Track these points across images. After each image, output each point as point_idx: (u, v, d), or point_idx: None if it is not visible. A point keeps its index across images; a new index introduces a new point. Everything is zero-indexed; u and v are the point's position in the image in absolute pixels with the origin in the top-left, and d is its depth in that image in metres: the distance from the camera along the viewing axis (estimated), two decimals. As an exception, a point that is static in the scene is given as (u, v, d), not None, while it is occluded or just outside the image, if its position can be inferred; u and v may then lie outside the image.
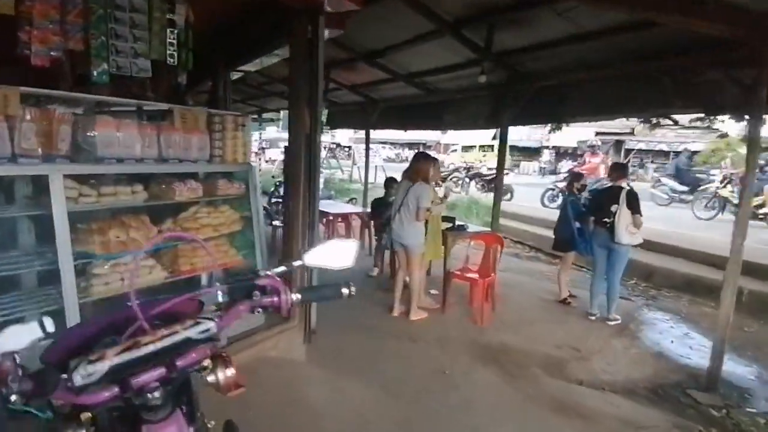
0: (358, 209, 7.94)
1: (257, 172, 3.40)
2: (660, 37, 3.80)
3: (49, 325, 0.95)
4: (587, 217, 5.15)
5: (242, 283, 1.22)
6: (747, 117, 3.38)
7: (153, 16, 2.79)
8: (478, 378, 3.56)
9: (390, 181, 6.43)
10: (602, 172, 10.61)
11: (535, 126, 18.65)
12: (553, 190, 11.21)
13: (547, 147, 29.14)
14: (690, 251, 6.93)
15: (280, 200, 6.84)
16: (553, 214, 6.41)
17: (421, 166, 4.46)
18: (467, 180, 15.02)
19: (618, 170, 4.86)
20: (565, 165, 21.02)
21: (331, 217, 6.97)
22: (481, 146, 21.82)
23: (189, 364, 1.03)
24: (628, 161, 25.11)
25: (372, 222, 6.46)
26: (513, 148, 29.10)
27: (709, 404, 3.36)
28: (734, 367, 4.07)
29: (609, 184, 4.95)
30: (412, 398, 3.21)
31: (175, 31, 2.87)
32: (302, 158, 3.36)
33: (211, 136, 3.01)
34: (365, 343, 4.04)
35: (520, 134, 26.37)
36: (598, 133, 24.46)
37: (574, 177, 5.45)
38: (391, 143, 32.67)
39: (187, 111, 2.83)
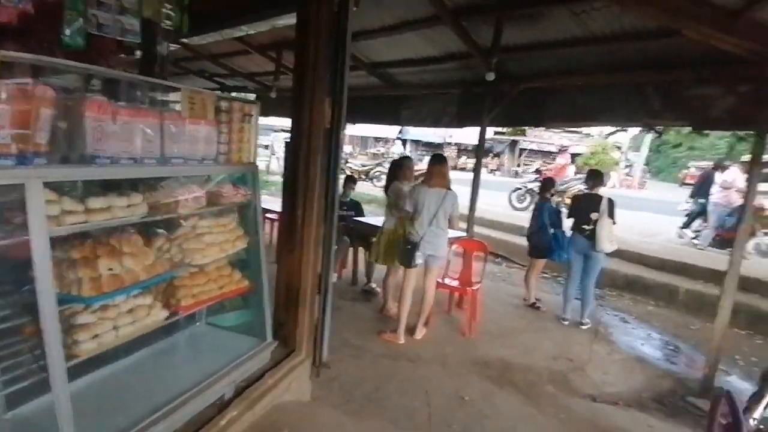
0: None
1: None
2: (655, 50, 3.86)
3: None
4: (562, 224, 5.20)
5: None
6: (751, 131, 3.56)
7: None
8: (500, 403, 3.29)
9: (349, 180, 5.94)
10: (570, 172, 11.01)
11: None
12: (521, 189, 11.11)
13: (450, 143, 30.23)
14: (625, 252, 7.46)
15: (347, 210, 5.63)
16: (520, 219, 6.44)
17: (446, 170, 4.07)
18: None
19: (595, 177, 4.94)
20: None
21: (272, 216, 6.22)
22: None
23: None
24: (521, 160, 27.41)
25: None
26: (417, 143, 29.93)
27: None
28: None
29: (586, 191, 5.02)
30: (448, 437, 2.85)
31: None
32: (317, 161, 2.77)
33: (217, 128, 2.31)
34: (367, 370, 3.57)
35: (425, 129, 27.00)
36: (496, 133, 26.14)
37: (547, 183, 5.46)
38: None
39: (196, 93, 2.10)
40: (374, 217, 5.79)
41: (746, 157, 7.94)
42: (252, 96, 8.09)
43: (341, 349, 3.76)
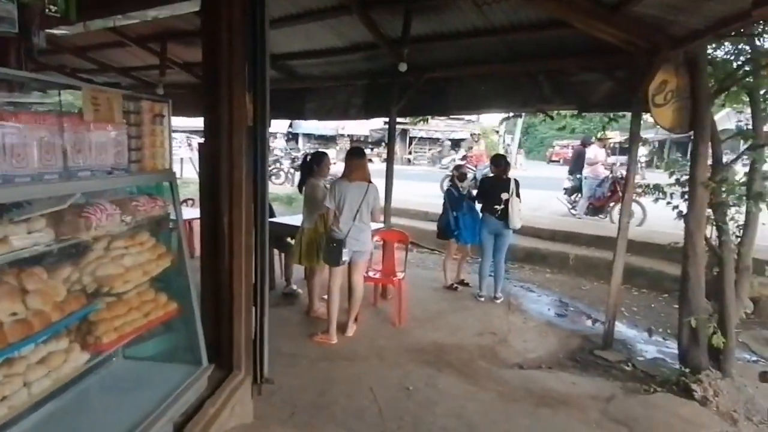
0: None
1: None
2: (547, 40, 4.21)
3: None
4: (461, 206, 5.47)
5: None
6: (629, 113, 4.05)
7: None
8: (443, 386, 3.38)
9: None
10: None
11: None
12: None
13: (342, 135, 30.25)
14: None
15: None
16: (426, 205, 6.63)
17: (365, 163, 3.98)
18: (292, 171, 14.43)
19: (501, 160, 5.28)
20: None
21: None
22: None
23: None
24: (412, 149, 28.60)
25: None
26: (309, 136, 29.53)
27: (618, 361, 3.97)
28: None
29: (494, 174, 5.33)
30: (406, 429, 2.84)
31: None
32: (241, 163, 2.53)
33: (126, 132, 1.98)
34: (306, 377, 3.42)
35: (317, 123, 26.70)
36: (386, 122, 26.89)
37: (455, 169, 5.72)
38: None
39: (99, 92, 1.76)
40: (285, 217, 5.56)
41: (603, 135, 9.16)
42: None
43: (275, 359, 3.49)
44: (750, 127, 4.24)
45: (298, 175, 14.03)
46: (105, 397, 2.22)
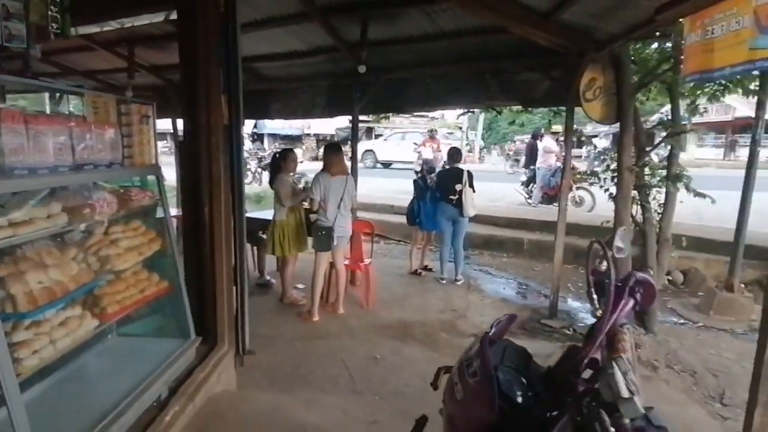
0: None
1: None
2: (493, 44, 4.67)
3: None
4: (425, 195, 5.91)
5: None
6: (563, 108, 4.56)
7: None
8: (407, 354, 3.80)
9: None
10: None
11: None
12: None
13: (308, 134, 30.23)
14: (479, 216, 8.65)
15: None
16: (391, 200, 7.03)
17: (342, 157, 4.41)
18: (260, 170, 14.56)
19: (455, 154, 5.75)
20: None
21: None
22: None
23: None
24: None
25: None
26: (275, 136, 29.43)
27: (561, 327, 4.49)
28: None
29: (448, 167, 5.79)
30: (374, 389, 3.23)
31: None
32: (219, 159, 2.84)
33: (120, 132, 2.28)
34: (283, 354, 3.75)
35: (282, 123, 26.69)
36: (350, 121, 27.21)
37: (424, 163, 6.16)
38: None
39: (98, 97, 2.06)
40: (255, 212, 5.84)
41: (556, 128, 9.83)
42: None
43: (253, 341, 3.84)
44: (669, 117, 4.85)
45: (265, 174, 14.28)
46: (105, 367, 2.51)
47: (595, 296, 1.39)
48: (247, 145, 22.09)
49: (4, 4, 1.80)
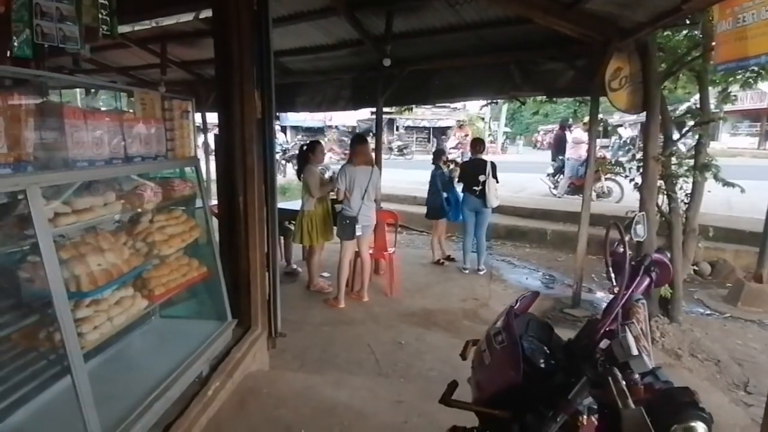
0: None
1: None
2: (516, 34, 4.68)
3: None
4: (452, 187, 5.97)
5: None
6: (587, 97, 4.55)
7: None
8: (431, 340, 3.91)
9: None
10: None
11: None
12: None
13: (330, 126, 30.37)
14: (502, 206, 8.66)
15: None
16: (412, 190, 7.12)
17: (367, 149, 4.56)
18: (283, 162, 14.81)
19: (480, 144, 5.78)
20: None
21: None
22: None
23: None
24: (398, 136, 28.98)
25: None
26: (297, 128, 29.68)
27: (584, 316, 4.52)
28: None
29: (473, 157, 5.84)
30: (399, 372, 3.36)
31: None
32: (252, 150, 2.98)
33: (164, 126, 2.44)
34: (311, 338, 3.91)
35: (304, 115, 26.94)
36: (373, 113, 27.23)
37: (437, 153, 6.22)
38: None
39: (145, 94, 2.22)
40: (282, 203, 6.00)
41: (587, 118, 9.69)
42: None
43: (283, 325, 4.02)
44: (698, 106, 4.78)
45: (289, 166, 14.52)
46: (150, 345, 2.71)
47: (612, 275, 1.47)
48: (281, 138, 22.46)
49: (58, 7, 1.96)
